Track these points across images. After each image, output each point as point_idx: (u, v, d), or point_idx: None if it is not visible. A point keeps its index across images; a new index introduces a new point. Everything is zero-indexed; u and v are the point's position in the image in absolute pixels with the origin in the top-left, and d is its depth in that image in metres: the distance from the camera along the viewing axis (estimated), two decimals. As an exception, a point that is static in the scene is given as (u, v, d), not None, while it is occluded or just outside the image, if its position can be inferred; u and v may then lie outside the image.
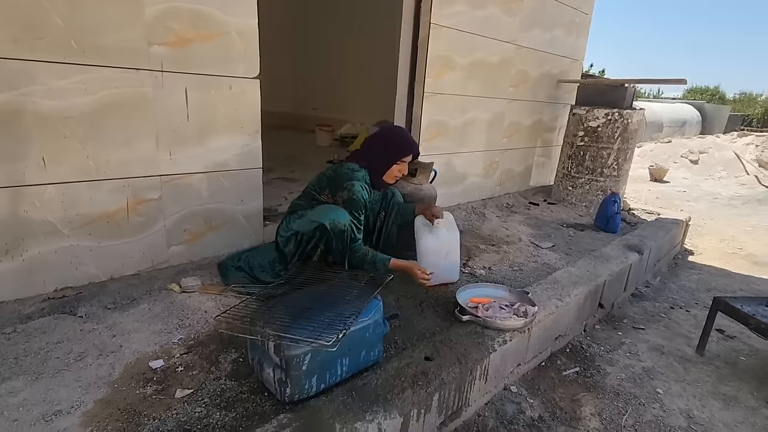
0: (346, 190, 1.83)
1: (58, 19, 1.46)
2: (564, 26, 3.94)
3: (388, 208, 2.12)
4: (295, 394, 1.22)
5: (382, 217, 2.13)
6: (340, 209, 1.81)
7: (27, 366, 1.35)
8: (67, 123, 1.55)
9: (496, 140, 3.64)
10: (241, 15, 1.88)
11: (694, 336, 2.29)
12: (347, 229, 1.77)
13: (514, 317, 1.73)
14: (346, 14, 6.09)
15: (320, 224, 1.78)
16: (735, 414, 1.71)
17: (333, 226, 1.75)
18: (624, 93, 3.63)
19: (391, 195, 2.14)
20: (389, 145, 1.96)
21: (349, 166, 1.94)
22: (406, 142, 1.99)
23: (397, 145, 1.97)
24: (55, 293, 1.67)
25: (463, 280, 2.16)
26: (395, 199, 2.14)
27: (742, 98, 24.91)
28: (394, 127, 2.12)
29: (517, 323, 1.70)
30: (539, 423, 1.60)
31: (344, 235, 1.77)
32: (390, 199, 2.13)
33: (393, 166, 1.95)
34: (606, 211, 3.32)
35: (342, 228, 1.76)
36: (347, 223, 1.77)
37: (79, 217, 1.66)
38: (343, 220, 1.76)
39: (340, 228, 1.76)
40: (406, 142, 1.99)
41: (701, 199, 6.08)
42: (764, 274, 3.36)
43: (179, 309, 1.74)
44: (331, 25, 6.30)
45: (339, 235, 1.76)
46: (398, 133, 2.04)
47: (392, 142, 1.97)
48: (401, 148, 1.96)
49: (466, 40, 3.02)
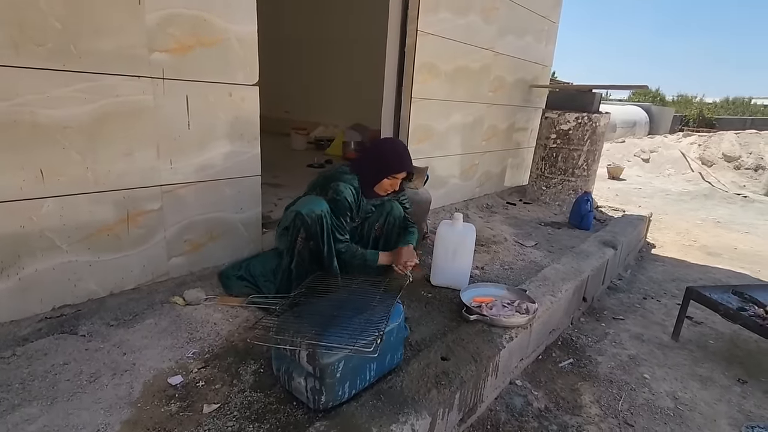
0: (331, 190, 1.84)
1: (57, 24, 1.39)
2: (534, 34, 4.14)
3: (385, 223, 2.08)
4: (329, 401, 1.24)
5: (377, 228, 2.09)
6: (318, 199, 1.82)
7: (36, 391, 1.29)
8: (66, 133, 1.48)
9: (476, 143, 3.78)
10: (241, 22, 1.86)
11: (668, 323, 2.50)
12: (324, 214, 1.78)
13: (517, 314, 1.82)
14: (319, 16, 6.06)
15: (297, 212, 1.78)
16: (713, 393, 1.90)
17: (309, 212, 1.77)
18: (592, 98, 3.87)
19: (389, 208, 2.08)
20: (383, 159, 1.91)
21: (341, 169, 1.95)
22: (400, 159, 1.91)
23: (391, 161, 1.90)
24: (52, 312, 1.58)
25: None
26: (393, 213, 2.08)
27: (680, 100, 27.01)
28: (392, 141, 2.06)
29: (522, 320, 1.80)
30: (546, 413, 1.70)
31: (322, 221, 1.78)
32: (387, 212, 2.08)
33: (384, 180, 1.90)
34: (579, 210, 3.53)
35: (318, 213, 1.77)
36: (324, 210, 1.79)
37: (78, 230, 1.58)
38: (318, 208, 1.78)
39: (317, 213, 1.77)
40: (400, 159, 1.91)
41: (655, 196, 6.56)
42: (718, 263, 3.70)
43: (187, 322, 1.70)
44: (303, 27, 6.25)
45: (316, 220, 1.77)
46: (394, 148, 1.96)
47: (387, 156, 1.91)
48: (394, 165, 1.90)
49: (450, 47, 3.11)
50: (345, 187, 1.84)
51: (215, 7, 1.75)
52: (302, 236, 1.81)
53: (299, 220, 1.78)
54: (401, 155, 1.93)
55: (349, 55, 5.77)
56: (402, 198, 2.13)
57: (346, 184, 1.85)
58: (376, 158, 1.93)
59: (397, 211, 2.09)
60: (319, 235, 1.79)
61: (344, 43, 5.80)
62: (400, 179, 1.95)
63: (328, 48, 6.02)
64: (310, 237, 1.80)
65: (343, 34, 5.77)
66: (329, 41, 5.99)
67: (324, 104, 6.42)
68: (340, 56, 5.92)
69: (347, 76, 5.87)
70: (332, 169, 1.99)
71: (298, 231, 1.80)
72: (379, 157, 1.93)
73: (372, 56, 4.82)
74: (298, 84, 6.54)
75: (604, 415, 1.71)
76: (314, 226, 1.78)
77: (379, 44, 3.48)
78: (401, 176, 1.94)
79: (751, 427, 1.68)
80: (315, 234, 1.79)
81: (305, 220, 1.77)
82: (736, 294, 2.22)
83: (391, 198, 2.09)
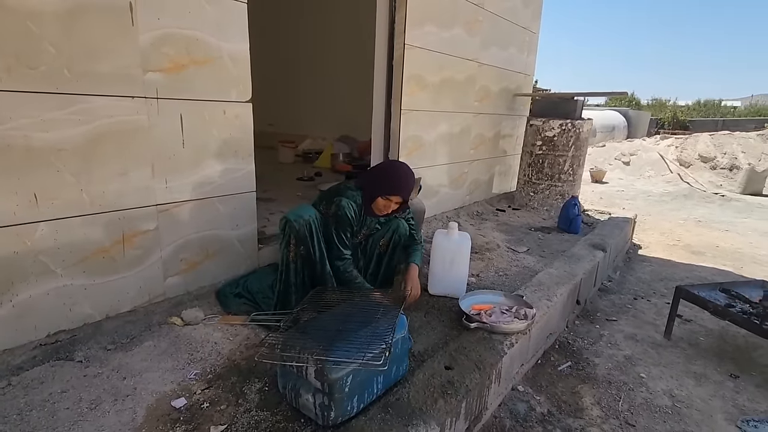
0: (333, 204, 1.86)
1: (50, 48, 1.38)
2: (517, 45, 4.25)
3: (391, 240, 2.09)
4: (338, 417, 1.23)
5: (382, 245, 2.11)
6: (307, 206, 1.87)
7: (35, 421, 1.25)
8: (60, 156, 1.46)
9: (464, 152, 3.84)
10: (233, 40, 1.87)
11: (659, 323, 2.56)
12: (311, 220, 1.82)
13: (516, 320, 1.85)
14: (303, 29, 6.11)
15: (285, 219, 1.81)
16: (707, 389, 1.95)
17: (296, 218, 1.80)
18: (575, 105, 3.98)
19: (395, 226, 2.08)
20: (380, 178, 1.91)
21: (346, 185, 1.97)
22: (396, 182, 1.89)
23: (386, 181, 1.89)
24: (47, 338, 1.55)
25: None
26: (399, 231, 2.08)
27: (654, 104, 27.89)
28: (397, 164, 2.02)
29: (521, 326, 1.82)
30: (549, 417, 1.72)
31: (310, 225, 1.81)
32: (394, 229, 2.08)
33: (378, 198, 1.88)
34: (568, 214, 3.61)
35: (306, 219, 1.81)
36: (312, 216, 1.83)
37: (73, 254, 1.55)
38: (306, 214, 1.82)
39: (305, 219, 1.80)
40: (396, 182, 1.89)
41: (637, 197, 6.74)
42: (702, 262, 3.81)
43: (186, 343, 1.67)
44: (287, 39, 6.29)
45: (304, 225, 1.80)
46: (393, 171, 1.95)
47: (384, 177, 1.91)
48: (387, 186, 1.88)
49: (436, 59, 3.18)
50: (347, 202, 1.86)
51: (208, 26, 1.77)
52: (293, 242, 1.82)
53: (288, 226, 1.81)
54: (398, 179, 1.90)
55: (334, 67, 5.82)
56: (408, 215, 2.15)
57: (349, 199, 1.87)
58: (376, 176, 1.95)
59: (403, 229, 2.10)
60: (307, 238, 1.82)
61: (330, 56, 5.85)
62: (393, 203, 1.90)
63: (313, 60, 6.06)
64: (299, 242, 1.82)
65: (328, 47, 5.83)
66: (314, 54, 6.03)
67: (310, 117, 6.44)
68: (326, 69, 5.96)
69: (333, 89, 5.91)
70: (340, 184, 2.01)
71: (288, 238, 1.82)
72: (377, 175, 1.95)
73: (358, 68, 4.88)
74: (283, 97, 6.56)
75: (605, 417, 1.73)
76: (302, 230, 1.80)
77: (365, 57, 3.54)
78: (396, 200, 1.90)
79: (746, 420, 1.72)
80: (303, 237, 1.81)
81: (293, 225, 1.79)
82: (723, 291, 2.30)
83: (398, 216, 2.08)
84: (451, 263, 2.11)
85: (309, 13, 5.91)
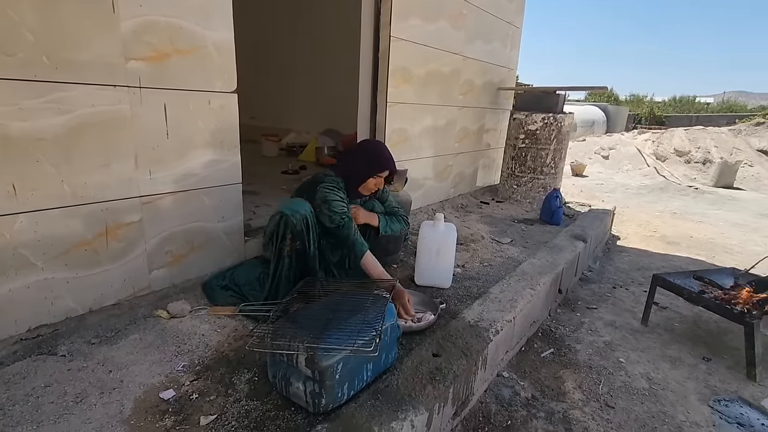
0: (319, 192, 1.88)
1: (28, 34, 1.34)
2: (500, 39, 4.30)
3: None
4: (329, 404, 1.25)
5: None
6: (301, 201, 1.86)
7: (18, 416, 1.23)
8: (39, 145, 1.42)
9: (449, 145, 3.87)
10: (218, 29, 1.84)
11: (637, 310, 2.65)
12: (307, 215, 1.82)
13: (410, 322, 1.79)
14: (286, 21, 6.03)
15: (281, 213, 1.80)
16: (682, 372, 2.03)
17: (293, 213, 1.79)
18: (557, 99, 4.05)
19: (371, 207, 2.17)
20: (367, 159, 1.99)
21: (326, 173, 1.99)
22: (384, 158, 2.01)
23: (375, 160, 1.99)
24: (28, 333, 1.51)
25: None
26: (375, 211, 2.17)
27: (632, 99, 28.55)
28: (374, 142, 2.15)
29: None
30: (533, 402, 1.77)
31: (307, 220, 1.82)
32: (370, 210, 2.15)
33: (369, 179, 1.99)
34: (550, 206, 3.68)
35: (303, 214, 1.80)
36: (308, 211, 1.83)
37: (54, 246, 1.52)
38: (302, 209, 1.81)
39: (302, 214, 1.80)
40: (384, 158, 2.01)
41: (616, 190, 6.91)
42: (677, 251, 3.95)
43: (173, 336, 1.66)
44: (269, 31, 6.20)
45: (301, 220, 1.80)
46: (377, 148, 2.06)
47: (370, 157, 2.00)
48: (378, 164, 1.99)
49: (422, 52, 3.19)
50: (332, 187, 1.89)
51: (191, 14, 1.74)
52: (289, 237, 1.81)
53: (284, 221, 1.79)
54: (385, 154, 2.02)
55: (318, 60, 5.77)
56: (383, 194, 2.20)
57: (332, 185, 1.90)
58: (360, 159, 1.99)
59: (378, 208, 2.18)
60: (304, 233, 1.82)
61: (313, 48, 5.80)
62: (383, 178, 2.03)
63: (296, 53, 6.00)
64: (296, 237, 1.81)
65: (312, 39, 5.77)
66: (297, 46, 5.97)
67: (294, 110, 6.38)
68: (310, 61, 5.91)
69: (317, 82, 5.87)
70: (316, 174, 2.01)
71: (284, 233, 1.81)
72: (364, 157, 2.00)
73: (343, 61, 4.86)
74: (266, 89, 6.48)
75: (586, 399, 1.80)
76: (299, 225, 1.80)
77: (350, 49, 3.52)
78: (384, 174, 2.02)
79: (718, 400, 1.81)
80: (300, 233, 1.81)
81: (290, 220, 1.78)
82: (697, 278, 2.39)
83: (372, 198, 2.16)
84: (437, 254, 2.14)
85: (292, 3, 5.83)
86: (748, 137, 9.08)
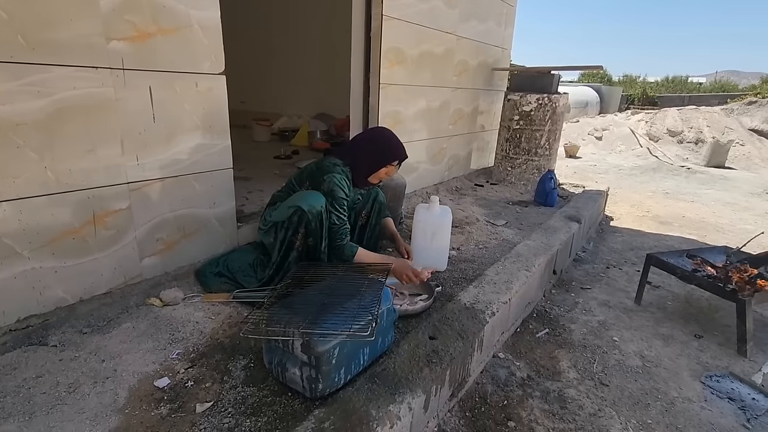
0: (326, 183, 1.83)
1: (2, 13, 1.27)
2: (495, 17, 4.21)
3: (372, 209, 2.14)
4: (326, 388, 1.24)
5: (363, 216, 2.14)
6: (316, 193, 1.81)
7: (10, 407, 1.21)
8: (19, 130, 1.36)
9: (443, 127, 3.82)
10: (204, 8, 1.77)
11: (630, 289, 2.67)
12: (323, 211, 1.79)
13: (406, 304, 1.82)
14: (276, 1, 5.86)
15: (297, 208, 1.76)
16: (674, 349, 2.06)
17: (310, 208, 1.76)
18: (551, 79, 4.00)
19: (375, 194, 2.14)
20: (380, 148, 1.95)
21: (331, 161, 1.93)
22: (397, 147, 1.98)
23: (389, 150, 1.96)
24: (17, 324, 1.48)
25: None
26: (379, 199, 2.14)
27: (625, 80, 28.41)
28: (384, 130, 2.05)
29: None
30: (529, 381, 1.78)
31: (322, 217, 1.78)
32: (374, 198, 2.14)
33: (382, 169, 1.96)
34: (544, 188, 3.68)
35: (319, 210, 1.77)
36: (323, 205, 1.79)
37: (41, 235, 1.48)
38: (318, 204, 1.77)
39: (318, 210, 1.77)
40: (397, 147, 1.98)
41: (609, 171, 6.93)
42: (669, 231, 3.98)
43: (166, 323, 1.64)
44: (259, 12, 6.03)
45: (317, 216, 1.77)
46: (388, 137, 2.00)
47: (384, 146, 1.96)
48: (393, 153, 1.96)
49: (415, 32, 3.11)
50: (340, 179, 1.84)
51: (174, -9, 1.66)
52: (302, 232, 1.79)
53: (300, 216, 1.76)
54: (396, 142, 1.99)
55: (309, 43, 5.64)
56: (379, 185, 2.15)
57: (341, 175, 1.85)
58: (372, 148, 1.95)
59: (381, 196, 2.15)
60: (318, 231, 1.79)
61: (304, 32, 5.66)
62: (395, 166, 2.00)
63: (287, 36, 5.85)
64: (309, 233, 1.79)
65: (302, 22, 5.63)
66: (288, 29, 5.82)
67: (285, 95, 6.26)
68: (300, 45, 5.77)
69: (308, 66, 5.75)
70: (323, 161, 1.96)
71: (297, 227, 1.78)
72: (375, 146, 1.96)
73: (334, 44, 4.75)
74: (256, 73, 6.34)
75: (581, 378, 1.82)
76: (314, 222, 1.77)
77: (341, 31, 3.43)
78: (396, 163, 2.00)
79: (709, 376, 1.84)
80: (315, 230, 1.78)
81: (306, 216, 1.75)
82: (690, 257, 2.41)
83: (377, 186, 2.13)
84: (433, 236, 2.13)
85: (280, -17, 5.66)
86: (739, 116, 9.10)
